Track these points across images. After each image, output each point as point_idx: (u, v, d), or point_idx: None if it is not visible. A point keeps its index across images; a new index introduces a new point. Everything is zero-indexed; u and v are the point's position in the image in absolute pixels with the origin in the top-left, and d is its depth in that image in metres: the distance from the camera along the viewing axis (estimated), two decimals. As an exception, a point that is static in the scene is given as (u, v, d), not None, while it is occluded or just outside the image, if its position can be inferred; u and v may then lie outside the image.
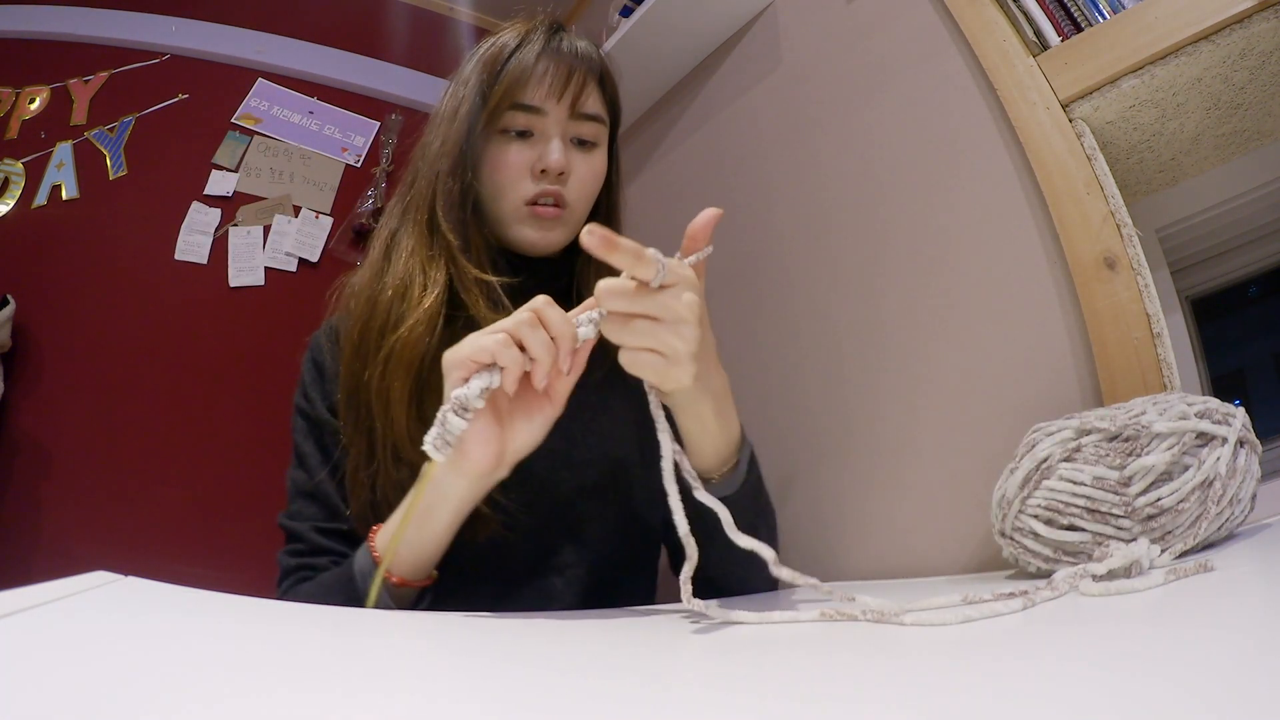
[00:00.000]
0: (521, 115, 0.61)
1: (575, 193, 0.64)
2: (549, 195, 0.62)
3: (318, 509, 0.60)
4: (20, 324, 1.22)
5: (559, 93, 0.61)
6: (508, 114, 0.61)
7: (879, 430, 0.86)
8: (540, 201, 0.62)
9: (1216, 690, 0.19)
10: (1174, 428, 0.44)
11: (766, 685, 0.25)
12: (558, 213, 0.63)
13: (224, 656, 0.23)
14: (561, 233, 0.64)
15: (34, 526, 1.17)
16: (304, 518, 0.60)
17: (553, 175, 0.62)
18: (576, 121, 0.63)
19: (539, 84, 0.61)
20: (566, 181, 0.63)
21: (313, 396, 0.62)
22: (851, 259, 0.92)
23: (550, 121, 0.62)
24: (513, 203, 0.62)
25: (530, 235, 0.63)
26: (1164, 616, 0.31)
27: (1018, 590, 0.35)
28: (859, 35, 0.95)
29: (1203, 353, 0.80)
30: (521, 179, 0.62)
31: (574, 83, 0.62)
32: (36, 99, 1.37)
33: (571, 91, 0.62)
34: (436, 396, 0.45)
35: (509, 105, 0.61)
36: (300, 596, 0.55)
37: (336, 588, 0.52)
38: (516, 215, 0.63)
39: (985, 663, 0.26)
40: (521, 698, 0.22)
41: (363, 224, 1.47)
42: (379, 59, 1.58)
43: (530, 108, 0.61)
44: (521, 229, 0.63)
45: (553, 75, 0.61)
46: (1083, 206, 0.69)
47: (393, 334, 0.57)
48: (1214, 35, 0.63)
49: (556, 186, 0.62)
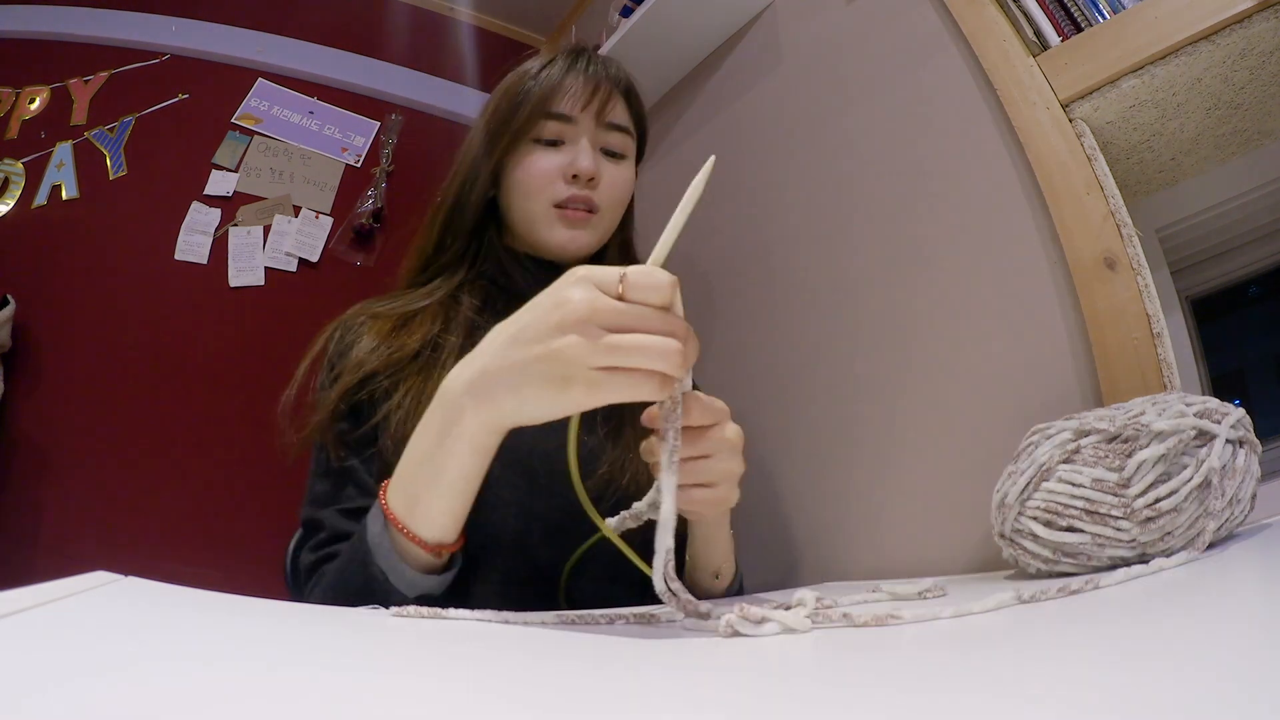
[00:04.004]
0: (552, 124, 0.65)
1: (605, 199, 0.66)
2: (579, 200, 0.64)
3: (342, 488, 0.57)
4: (20, 324, 1.22)
5: (586, 102, 0.65)
6: (539, 124, 0.64)
7: (879, 430, 0.86)
8: (571, 205, 0.64)
9: (1216, 690, 0.19)
10: (1172, 426, 0.44)
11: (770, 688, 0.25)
12: (587, 216, 0.65)
13: (224, 656, 0.23)
14: (590, 236, 0.66)
15: (34, 526, 1.17)
16: (325, 501, 0.57)
17: (583, 180, 0.65)
18: (605, 131, 0.67)
19: (568, 95, 0.65)
20: (596, 187, 0.65)
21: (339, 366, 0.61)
22: (851, 259, 0.92)
23: (580, 129, 0.65)
24: (543, 205, 0.65)
25: (560, 236, 0.65)
26: (1164, 616, 0.31)
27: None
28: (859, 35, 0.95)
29: (1203, 353, 0.80)
30: (553, 182, 0.64)
31: (601, 93, 0.66)
32: (36, 99, 1.37)
33: (599, 101, 0.65)
34: None
35: (541, 115, 0.64)
36: (317, 597, 0.51)
37: (351, 569, 0.46)
38: (546, 217, 0.65)
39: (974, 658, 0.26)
40: (526, 698, 0.22)
41: (363, 224, 1.47)
42: (379, 59, 1.58)
43: (560, 115, 0.65)
44: (551, 230, 0.65)
45: (581, 87, 0.65)
46: (1083, 206, 0.69)
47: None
48: (1214, 35, 0.63)
49: (587, 191, 0.65)
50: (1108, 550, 0.44)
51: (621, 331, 0.35)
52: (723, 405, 0.45)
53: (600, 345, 0.35)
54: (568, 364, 0.36)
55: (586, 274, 0.37)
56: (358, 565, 0.46)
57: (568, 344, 0.35)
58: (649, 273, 0.36)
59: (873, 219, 0.90)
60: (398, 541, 0.44)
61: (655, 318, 0.36)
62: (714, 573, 0.60)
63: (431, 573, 0.46)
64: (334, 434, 0.58)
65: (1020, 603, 0.36)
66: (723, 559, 0.60)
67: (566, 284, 0.37)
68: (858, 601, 0.46)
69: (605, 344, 0.35)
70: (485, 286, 0.69)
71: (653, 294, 0.36)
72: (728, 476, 0.45)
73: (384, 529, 0.45)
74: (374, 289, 0.72)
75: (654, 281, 0.36)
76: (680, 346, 0.35)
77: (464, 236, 0.68)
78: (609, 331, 0.35)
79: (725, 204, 1.14)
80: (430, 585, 0.46)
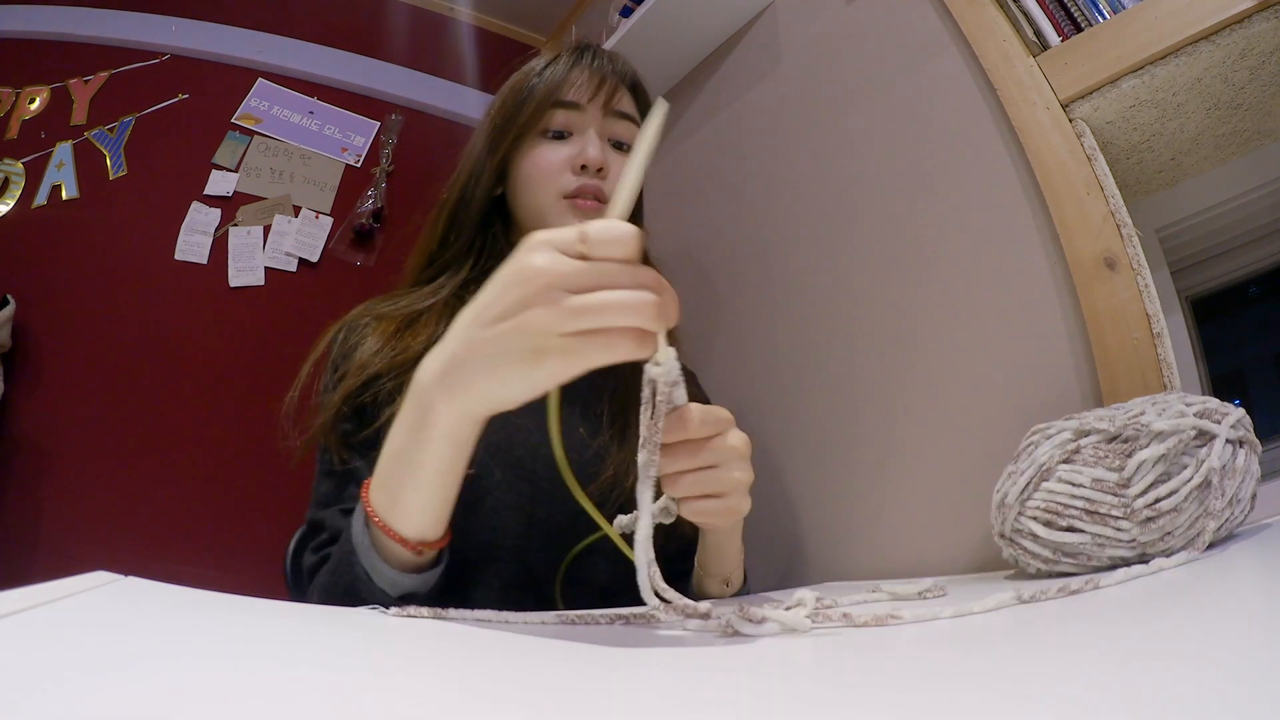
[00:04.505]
0: (560, 114, 0.66)
1: (613, 190, 0.65)
2: (589, 190, 0.64)
3: (345, 489, 0.57)
4: (20, 324, 1.22)
5: (593, 91, 0.66)
6: (546, 114, 0.65)
7: (879, 430, 0.86)
8: (580, 196, 0.64)
9: (1217, 689, 0.19)
10: (1172, 426, 0.44)
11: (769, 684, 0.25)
12: (597, 206, 0.65)
13: (224, 656, 0.23)
14: None
15: (34, 526, 1.17)
16: (328, 502, 0.57)
17: (592, 170, 0.65)
18: (612, 120, 0.67)
19: (575, 86, 0.66)
20: (605, 177, 0.65)
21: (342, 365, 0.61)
22: (851, 259, 0.92)
23: (587, 119, 0.66)
24: (552, 197, 0.65)
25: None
26: (1164, 616, 0.31)
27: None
28: (859, 35, 0.95)
29: (1203, 353, 0.80)
30: (561, 173, 0.65)
31: (608, 85, 0.66)
32: (36, 99, 1.37)
33: (605, 90, 0.66)
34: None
35: (548, 105, 0.65)
36: (315, 598, 0.51)
37: (338, 570, 0.46)
38: (556, 209, 0.65)
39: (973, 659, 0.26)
40: (526, 698, 0.22)
41: (363, 224, 1.47)
42: (379, 59, 1.58)
43: (568, 104, 0.65)
44: (562, 222, 0.65)
45: (587, 79, 0.66)
46: (1083, 206, 0.69)
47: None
48: (1214, 35, 0.63)
49: (596, 181, 0.65)
50: (1108, 550, 0.44)
51: (589, 291, 0.33)
52: (726, 414, 0.43)
53: (566, 309, 0.33)
54: (537, 335, 0.33)
55: (545, 238, 0.35)
56: (344, 565, 0.45)
57: (533, 315, 0.33)
58: (609, 226, 0.34)
59: (873, 219, 0.90)
60: (378, 540, 0.43)
61: (622, 272, 0.33)
62: (724, 580, 0.60)
63: (415, 571, 0.45)
64: (337, 436, 0.58)
65: (1020, 603, 0.36)
66: (733, 567, 0.60)
67: (525, 252, 0.35)
68: (858, 601, 0.46)
69: (571, 306, 0.33)
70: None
71: (616, 248, 0.33)
72: (737, 486, 0.44)
73: (365, 527, 0.44)
74: (374, 289, 0.72)
75: (616, 234, 0.33)
76: (653, 297, 0.33)
77: (468, 233, 0.68)
78: (576, 294, 0.33)
79: (726, 204, 1.14)
80: (413, 584, 0.45)
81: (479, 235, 0.69)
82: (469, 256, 0.69)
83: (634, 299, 0.33)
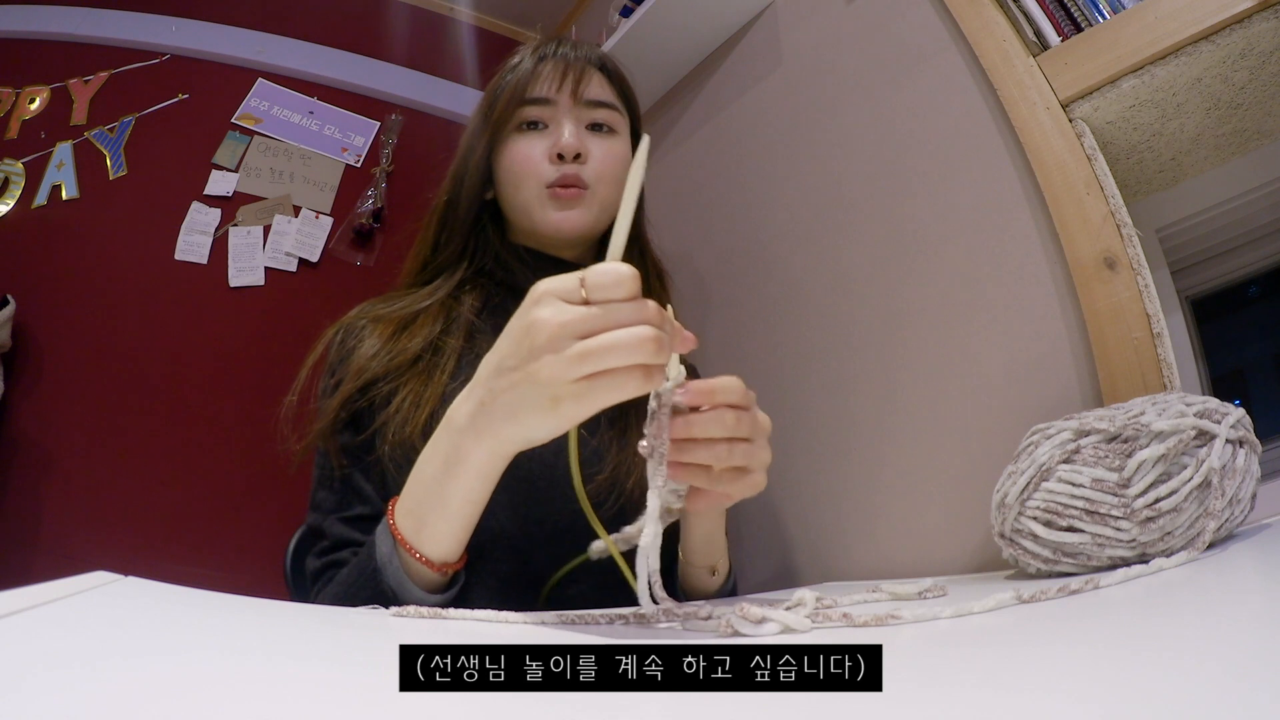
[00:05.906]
0: (531, 108, 0.66)
1: (594, 174, 0.66)
2: (569, 178, 0.65)
3: (344, 497, 0.58)
4: (20, 324, 1.22)
5: (559, 81, 0.66)
6: (518, 111, 0.65)
7: (879, 430, 0.86)
8: (561, 184, 0.64)
9: (1216, 689, 0.19)
10: (1172, 426, 0.44)
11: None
12: (579, 193, 0.65)
13: (224, 657, 0.23)
14: (584, 215, 0.66)
15: (34, 526, 1.17)
16: (329, 509, 0.58)
17: (569, 156, 0.65)
18: (586, 108, 0.67)
19: (542, 79, 0.66)
20: (585, 163, 0.65)
21: (340, 371, 0.62)
22: (851, 259, 0.92)
23: (559, 109, 0.66)
24: (534, 189, 0.65)
25: (554, 218, 0.65)
26: (1164, 616, 0.31)
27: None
28: (859, 35, 0.95)
29: (1203, 353, 0.80)
30: (540, 165, 0.65)
31: (573, 71, 0.66)
32: (36, 99, 1.37)
33: (571, 78, 0.66)
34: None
35: (518, 102, 0.65)
36: (325, 603, 0.52)
37: (360, 582, 0.48)
38: (539, 200, 0.65)
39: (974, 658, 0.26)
40: (526, 698, 0.22)
41: (363, 224, 1.47)
42: (379, 59, 1.58)
43: (537, 99, 0.65)
44: (545, 212, 0.65)
45: (552, 69, 0.66)
46: (1083, 206, 0.69)
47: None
48: (1214, 35, 0.63)
49: (575, 169, 0.65)
50: (1108, 550, 0.44)
51: (594, 335, 0.35)
52: (746, 391, 0.44)
53: (573, 356, 0.35)
54: (548, 384, 0.36)
55: (547, 289, 0.37)
56: (367, 580, 0.47)
57: (543, 365, 0.36)
58: (607, 270, 0.36)
59: (872, 218, 0.90)
60: (406, 562, 0.46)
61: (625, 311, 0.35)
62: (711, 569, 0.60)
63: (436, 590, 0.48)
64: (335, 443, 0.59)
65: (1020, 603, 0.36)
66: (720, 554, 0.60)
67: (530, 305, 0.37)
68: (858, 601, 0.46)
69: (575, 353, 0.35)
70: (485, 284, 0.69)
71: (615, 290, 0.35)
72: (764, 464, 0.45)
73: (393, 550, 0.46)
74: (374, 289, 0.72)
75: (614, 278, 0.35)
76: (654, 332, 0.35)
77: (461, 235, 0.69)
78: (581, 339, 0.35)
79: (725, 204, 1.14)
80: (435, 603, 0.47)
81: (471, 237, 0.69)
82: (463, 259, 0.69)
83: (634, 336, 0.34)
